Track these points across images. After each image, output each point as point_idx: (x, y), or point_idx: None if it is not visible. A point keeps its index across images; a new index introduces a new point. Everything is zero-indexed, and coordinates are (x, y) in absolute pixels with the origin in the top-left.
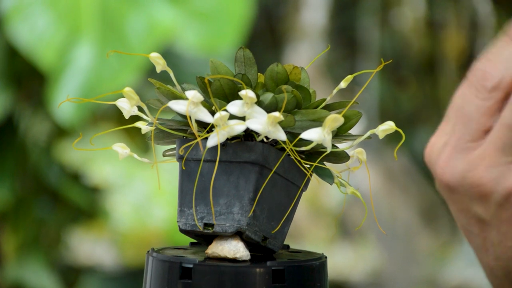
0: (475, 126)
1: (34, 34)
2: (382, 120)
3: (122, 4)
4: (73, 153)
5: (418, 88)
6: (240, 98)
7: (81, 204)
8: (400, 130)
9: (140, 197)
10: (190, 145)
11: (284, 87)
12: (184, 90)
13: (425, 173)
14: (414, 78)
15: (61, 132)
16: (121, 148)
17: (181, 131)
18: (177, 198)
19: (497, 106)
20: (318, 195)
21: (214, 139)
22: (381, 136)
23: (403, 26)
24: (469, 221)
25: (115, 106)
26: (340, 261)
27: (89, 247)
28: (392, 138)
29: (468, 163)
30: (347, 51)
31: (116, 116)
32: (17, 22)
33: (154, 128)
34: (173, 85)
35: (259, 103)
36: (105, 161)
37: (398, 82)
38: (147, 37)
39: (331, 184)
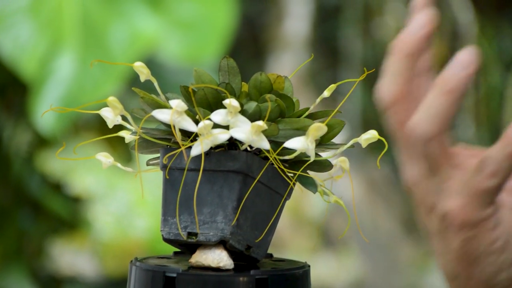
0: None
1: (16, 44)
2: (365, 129)
3: (104, 13)
4: (55, 163)
5: None
6: (224, 107)
7: (63, 214)
8: (383, 139)
9: (122, 207)
10: (174, 154)
11: (267, 96)
12: (168, 99)
13: None
14: None
15: (43, 142)
16: (105, 157)
17: (165, 140)
18: (160, 208)
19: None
20: (301, 204)
21: (198, 148)
22: (364, 145)
23: (385, 36)
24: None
25: (97, 116)
26: (323, 270)
27: (71, 258)
28: (375, 147)
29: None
30: (329, 60)
31: (98, 125)
32: None
33: (138, 137)
34: (157, 94)
35: (243, 112)
36: (87, 171)
37: None
38: (130, 47)
39: (314, 193)
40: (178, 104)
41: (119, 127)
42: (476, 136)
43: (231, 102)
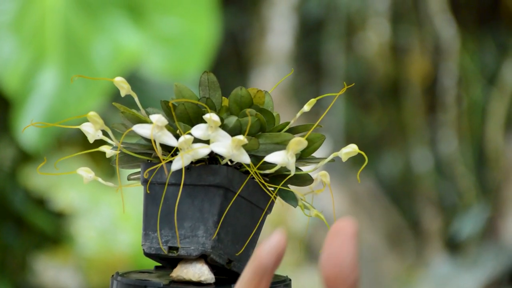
0: None
1: None
2: (348, 143)
3: (86, 29)
4: (38, 178)
5: (383, 112)
6: (205, 122)
7: (47, 229)
8: (363, 153)
9: (105, 222)
10: (155, 168)
11: (248, 110)
12: (148, 114)
13: (391, 196)
14: (379, 102)
15: (26, 157)
16: (86, 172)
17: (146, 154)
18: (142, 223)
19: None
20: (284, 218)
21: (178, 163)
22: (344, 159)
23: (367, 51)
24: None
25: (79, 131)
26: (307, 284)
27: (55, 273)
28: (357, 161)
29: None
30: (312, 75)
31: (80, 141)
32: None
33: (119, 152)
34: (138, 109)
35: (223, 126)
36: (70, 186)
37: (363, 106)
38: (112, 62)
39: (295, 207)
40: (158, 118)
41: (101, 142)
42: (458, 150)
43: (212, 116)
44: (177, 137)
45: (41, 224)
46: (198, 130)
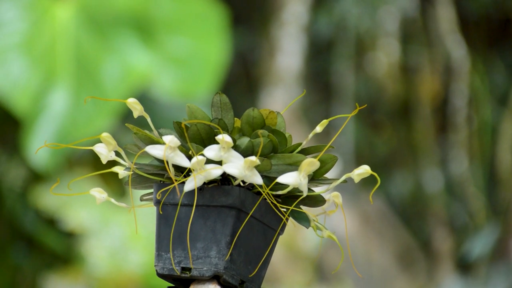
0: None
1: (9, 80)
2: (358, 164)
3: (97, 49)
4: (48, 199)
5: (393, 132)
6: (217, 143)
7: (57, 249)
8: (375, 174)
9: (116, 242)
10: (167, 189)
11: (260, 131)
12: (161, 135)
13: (401, 216)
14: (389, 122)
15: (36, 178)
16: (99, 193)
17: (158, 175)
18: (153, 242)
19: None
20: (295, 239)
21: (191, 184)
22: (356, 180)
23: (377, 71)
24: None
25: (90, 151)
26: None
27: None
28: (368, 181)
29: None
30: (322, 95)
31: (91, 161)
32: None
33: (132, 172)
34: (150, 130)
35: (235, 147)
36: (81, 206)
37: (373, 126)
38: (122, 82)
39: (307, 228)
40: (171, 139)
41: (112, 163)
42: (469, 170)
43: (224, 137)
44: (189, 158)
45: (52, 244)
46: (211, 151)
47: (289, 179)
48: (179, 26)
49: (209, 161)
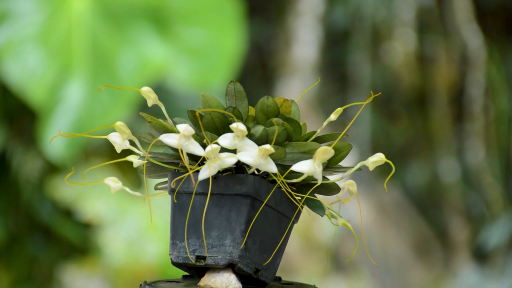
0: None
1: (25, 72)
2: (375, 152)
3: (113, 41)
4: (65, 190)
5: (409, 122)
6: (231, 131)
7: (74, 240)
8: (390, 161)
9: (132, 232)
10: (182, 178)
11: (274, 120)
12: (175, 123)
13: (418, 206)
14: (405, 112)
15: (53, 169)
16: (113, 182)
17: (173, 164)
18: (169, 232)
19: None
20: (310, 228)
21: (205, 172)
22: (371, 167)
23: (393, 61)
24: None
25: (106, 142)
26: None
27: (82, 283)
28: (384, 171)
29: None
30: (338, 85)
31: (107, 152)
32: (8, 59)
33: (146, 161)
34: (165, 119)
35: (250, 135)
36: (97, 197)
37: (389, 116)
38: (138, 73)
39: (322, 216)
40: (185, 128)
41: (128, 152)
42: (485, 160)
43: (238, 126)
44: (204, 146)
45: (69, 235)
46: (225, 140)
47: (303, 167)
48: (195, 17)
49: (223, 150)
